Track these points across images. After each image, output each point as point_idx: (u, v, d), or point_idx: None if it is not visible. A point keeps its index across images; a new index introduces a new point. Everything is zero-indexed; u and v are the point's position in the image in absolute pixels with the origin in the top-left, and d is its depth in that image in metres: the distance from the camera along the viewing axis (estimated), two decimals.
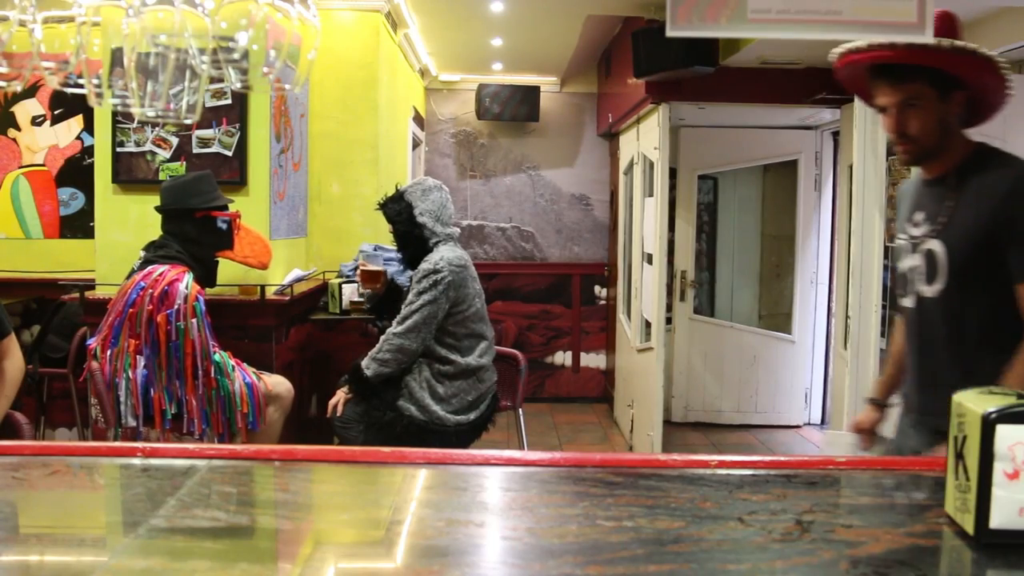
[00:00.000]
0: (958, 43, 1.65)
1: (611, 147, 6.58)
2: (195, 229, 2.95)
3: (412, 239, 3.10)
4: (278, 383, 3.06)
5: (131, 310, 2.74)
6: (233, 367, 2.87)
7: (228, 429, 2.85)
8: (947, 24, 1.78)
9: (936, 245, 1.73)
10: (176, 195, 2.97)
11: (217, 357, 2.82)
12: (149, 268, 2.81)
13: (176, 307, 2.72)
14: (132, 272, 2.89)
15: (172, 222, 2.97)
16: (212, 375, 2.79)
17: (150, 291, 2.72)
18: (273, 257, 3.49)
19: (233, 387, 2.84)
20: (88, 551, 0.86)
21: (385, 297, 3.36)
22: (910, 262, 1.81)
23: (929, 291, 1.76)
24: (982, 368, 1.63)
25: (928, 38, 1.40)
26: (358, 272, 3.42)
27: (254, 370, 3.00)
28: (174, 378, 2.77)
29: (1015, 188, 1.64)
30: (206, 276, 3.02)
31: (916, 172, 1.93)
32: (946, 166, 1.75)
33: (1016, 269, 1.64)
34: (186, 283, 2.76)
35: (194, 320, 2.74)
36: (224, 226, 3.01)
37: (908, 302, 1.83)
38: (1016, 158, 1.73)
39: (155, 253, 2.90)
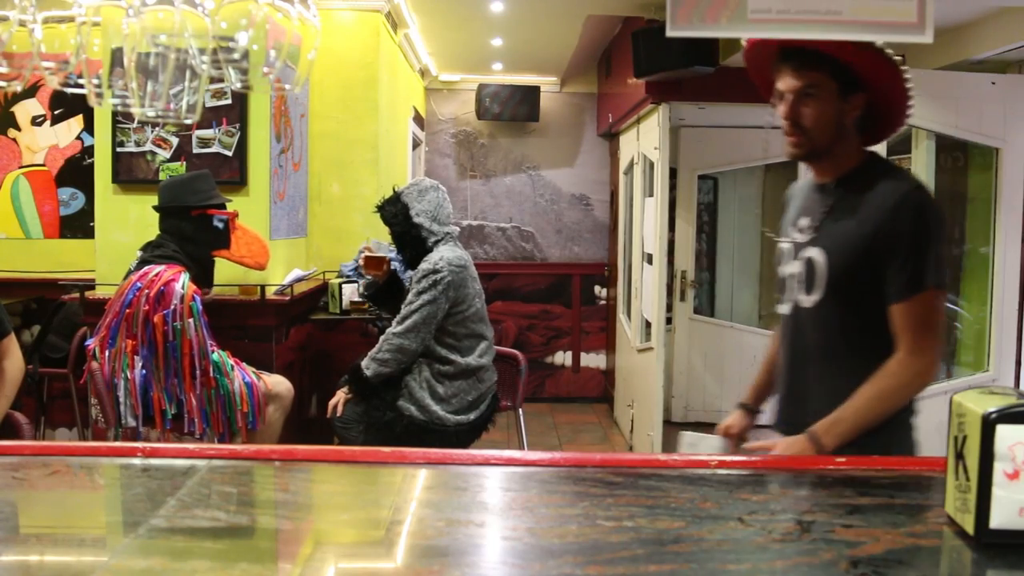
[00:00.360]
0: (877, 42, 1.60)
1: (611, 147, 6.57)
2: (192, 227, 2.94)
3: (410, 240, 3.10)
4: (278, 383, 3.06)
5: (128, 311, 2.74)
6: (232, 366, 2.87)
7: (228, 428, 2.85)
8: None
9: (816, 253, 1.67)
10: (173, 193, 2.97)
11: (215, 356, 2.82)
12: (145, 268, 2.80)
13: (172, 307, 2.71)
14: (129, 272, 2.89)
15: (169, 220, 2.97)
16: (211, 375, 2.79)
17: (146, 291, 2.72)
18: (273, 257, 3.49)
19: (232, 386, 2.84)
20: (88, 551, 0.86)
21: (384, 287, 3.35)
22: (790, 268, 1.74)
23: (806, 300, 1.69)
24: (850, 386, 1.59)
25: (927, 38, 1.37)
26: (361, 257, 3.41)
27: (254, 370, 3.00)
28: (172, 378, 2.77)
29: (902, 204, 1.59)
30: (203, 276, 3.02)
31: (807, 174, 1.87)
32: (835, 171, 1.70)
33: (893, 289, 1.59)
34: (182, 283, 2.76)
35: (191, 320, 2.74)
36: (221, 225, 3.01)
37: (785, 309, 1.76)
38: (907, 173, 1.69)
39: (151, 253, 2.90)
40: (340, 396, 3.14)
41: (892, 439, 1.60)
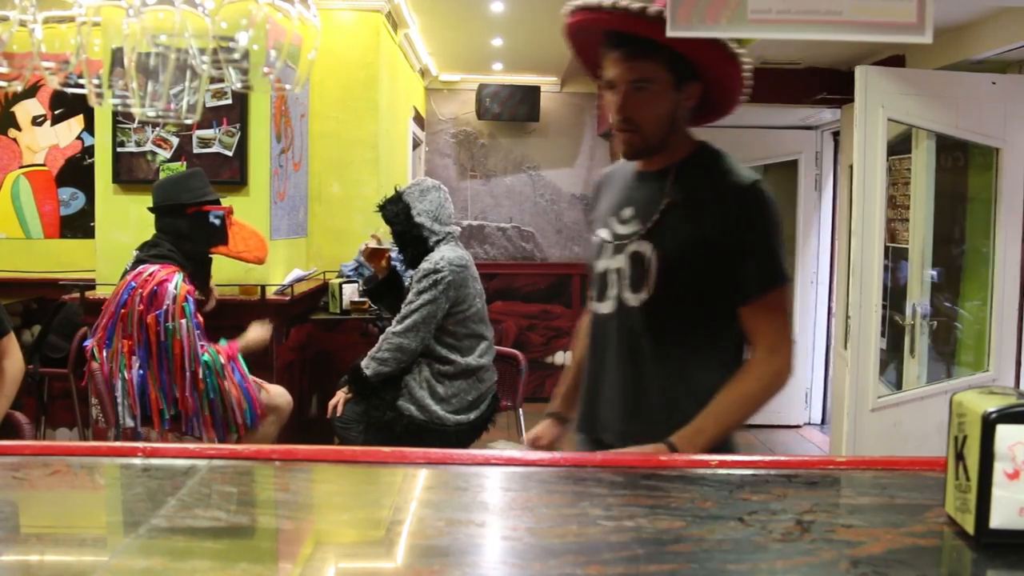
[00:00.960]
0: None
1: (611, 147, 6.57)
2: (188, 225, 2.94)
3: (411, 239, 3.10)
4: (278, 394, 3.05)
5: (123, 311, 2.73)
6: (223, 365, 2.84)
7: (223, 429, 2.84)
8: None
9: (647, 248, 1.53)
10: (167, 192, 2.96)
11: (206, 357, 2.80)
12: (140, 268, 2.80)
13: (165, 307, 2.70)
14: (125, 272, 2.88)
15: (165, 219, 2.96)
16: (200, 377, 2.77)
17: (140, 291, 2.72)
18: (273, 257, 3.49)
19: (224, 385, 2.81)
20: (89, 551, 0.86)
21: (384, 283, 3.34)
22: (612, 263, 1.59)
23: (634, 299, 1.54)
24: (690, 388, 1.50)
25: (927, 39, 1.30)
26: (365, 247, 3.40)
27: (255, 379, 2.98)
28: (166, 377, 2.76)
29: (749, 203, 1.50)
30: (200, 274, 3.01)
31: (617, 165, 1.75)
32: (666, 161, 1.56)
33: (745, 289, 1.49)
34: (175, 283, 2.75)
35: (183, 320, 2.73)
36: (217, 221, 3.00)
37: (604, 308, 1.60)
38: (740, 166, 1.56)
39: (147, 253, 2.89)
40: (340, 396, 3.14)
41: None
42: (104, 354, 2.78)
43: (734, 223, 1.48)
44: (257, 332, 3.07)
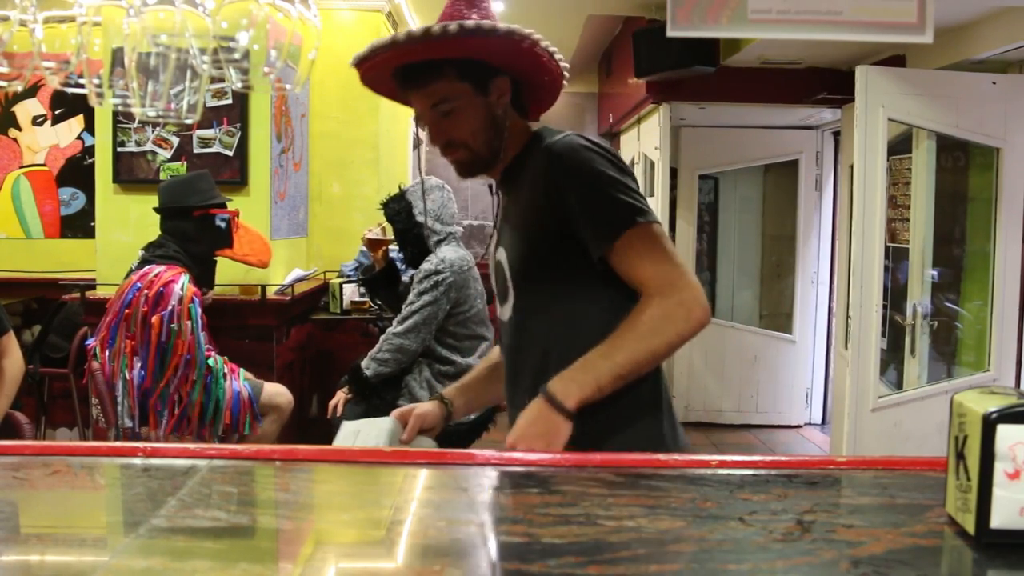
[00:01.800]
0: (468, 24, 1.34)
1: (612, 146, 6.58)
2: (194, 228, 2.95)
3: (411, 238, 3.10)
4: (278, 393, 3.05)
5: (127, 310, 2.74)
6: (226, 374, 2.85)
7: (222, 431, 2.84)
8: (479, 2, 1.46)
9: (501, 255, 1.46)
10: (174, 194, 2.97)
11: (211, 361, 2.80)
12: (146, 268, 2.80)
13: (170, 308, 2.71)
14: (130, 272, 2.89)
15: (170, 221, 2.97)
16: (205, 379, 2.77)
17: (145, 292, 2.72)
18: (273, 257, 3.49)
19: (226, 388, 2.82)
20: (89, 551, 0.86)
21: (380, 274, 3.33)
22: (493, 277, 1.52)
23: (506, 311, 1.46)
24: (577, 344, 1.33)
25: (927, 38, 1.27)
26: (363, 239, 3.40)
27: (252, 378, 2.98)
28: (168, 379, 2.77)
29: (554, 157, 1.36)
30: (205, 276, 3.02)
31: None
32: (504, 164, 1.48)
33: (593, 243, 1.33)
34: (181, 284, 2.76)
35: (188, 322, 2.73)
36: (223, 224, 3.01)
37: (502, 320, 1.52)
38: (558, 134, 1.42)
39: (153, 253, 2.90)
40: (340, 396, 3.14)
41: (639, 436, 1.38)
42: (106, 353, 2.78)
43: (551, 187, 1.36)
44: (277, 391, 3.07)
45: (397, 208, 3.12)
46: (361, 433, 1.52)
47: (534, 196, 1.39)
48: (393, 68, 1.41)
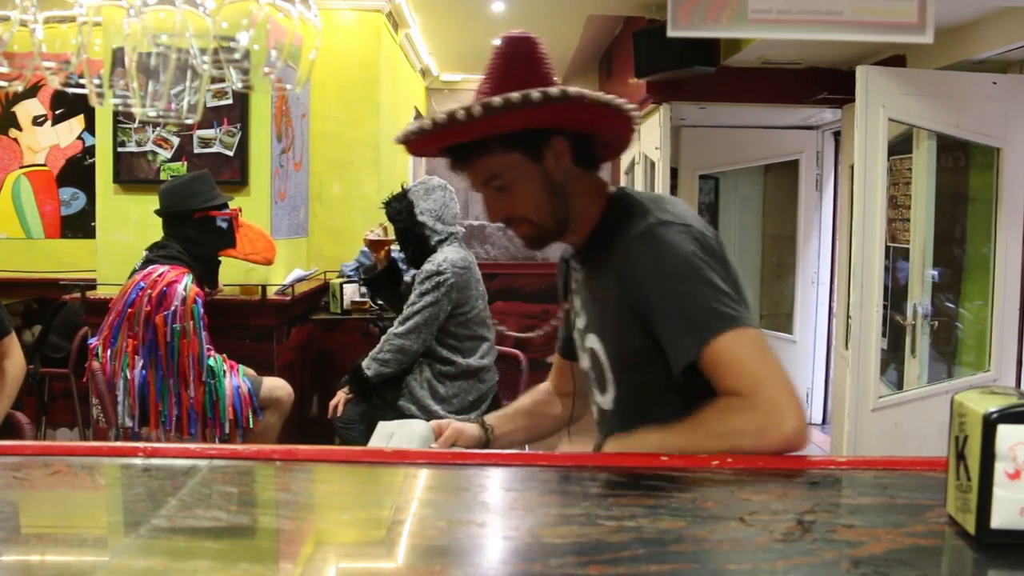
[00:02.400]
0: (494, 102, 1.17)
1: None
2: (195, 230, 2.95)
3: (412, 237, 3.10)
4: (278, 387, 3.06)
5: (130, 310, 2.74)
6: (225, 372, 2.85)
7: (221, 429, 2.85)
8: (520, 57, 1.28)
9: (595, 342, 1.32)
10: (174, 197, 2.97)
11: (211, 362, 2.81)
12: (149, 268, 2.81)
13: (173, 308, 2.71)
14: (133, 272, 2.89)
15: (172, 224, 2.97)
16: (203, 379, 2.78)
17: (148, 291, 2.73)
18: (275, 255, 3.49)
19: (226, 387, 2.83)
20: (89, 551, 0.87)
21: (382, 273, 3.32)
22: (583, 362, 1.38)
23: (605, 402, 1.34)
24: None
25: (927, 39, 1.20)
26: (365, 240, 3.40)
27: (252, 373, 2.99)
28: (169, 379, 2.77)
29: (638, 248, 1.22)
30: (209, 276, 3.02)
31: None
32: (581, 233, 1.34)
33: (673, 355, 1.19)
34: (184, 285, 2.76)
35: (191, 323, 2.74)
36: (224, 225, 3.01)
37: (594, 410, 1.41)
38: (649, 211, 1.27)
39: (156, 253, 2.91)
40: (341, 396, 3.14)
41: None
42: (108, 353, 2.79)
43: (632, 282, 1.23)
44: (277, 385, 3.07)
45: (399, 207, 3.12)
46: (395, 436, 1.46)
47: (620, 288, 1.25)
48: (441, 150, 1.32)
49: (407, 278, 3.39)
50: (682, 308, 1.18)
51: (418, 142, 1.28)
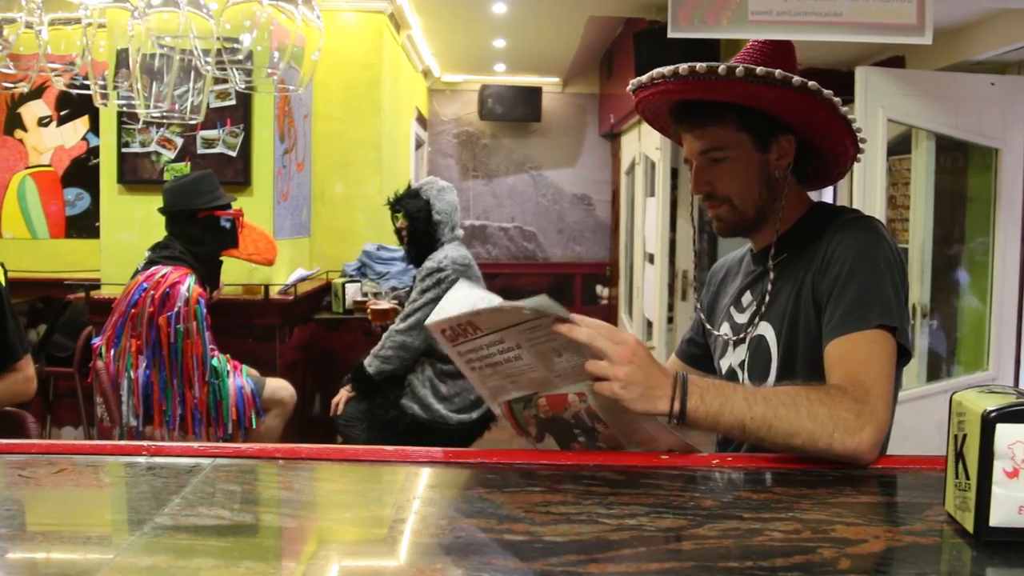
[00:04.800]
0: (758, 70, 1.20)
1: (613, 147, 6.58)
2: (199, 229, 2.95)
3: (423, 237, 3.10)
4: (281, 387, 3.06)
5: (133, 310, 2.75)
6: (229, 372, 2.85)
7: (224, 429, 2.85)
8: (779, 50, 1.35)
9: (765, 329, 1.31)
10: (178, 196, 2.97)
11: (215, 362, 2.81)
12: (152, 269, 2.82)
13: (176, 309, 2.72)
14: (136, 272, 2.90)
15: (176, 224, 2.98)
16: (207, 379, 2.78)
17: (151, 292, 2.73)
18: (277, 257, 3.50)
19: (229, 387, 2.84)
20: (94, 548, 0.87)
21: (371, 383, 3.14)
22: (734, 358, 1.36)
23: None
24: None
25: (926, 40, 1.21)
26: (368, 311, 3.43)
27: (255, 374, 2.99)
28: (173, 379, 2.78)
29: (840, 230, 1.25)
30: (211, 276, 3.03)
31: (736, 252, 1.51)
32: (772, 233, 1.33)
33: (828, 326, 1.19)
34: (187, 286, 2.77)
35: (194, 323, 2.74)
36: (228, 225, 3.02)
37: None
38: (859, 210, 1.32)
39: (159, 254, 2.91)
40: (343, 394, 3.15)
41: None
42: (111, 353, 2.79)
43: (823, 257, 1.23)
44: (280, 386, 3.06)
45: (418, 205, 3.11)
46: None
47: (811, 268, 1.25)
48: (671, 102, 1.31)
49: (407, 278, 3.40)
50: (861, 288, 1.18)
51: (655, 91, 1.26)
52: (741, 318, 1.37)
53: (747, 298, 1.38)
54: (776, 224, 1.31)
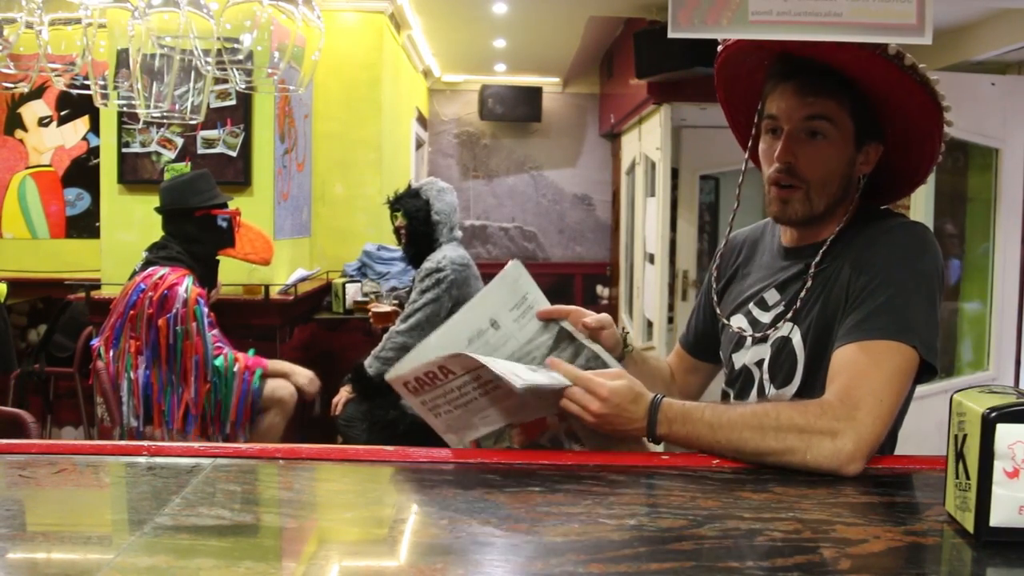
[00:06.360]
0: (907, 56, 1.17)
1: (613, 147, 6.58)
2: (196, 228, 2.95)
3: (422, 237, 3.11)
4: (280, 387, 3.06)
5: (131, 312, 2.75)
6: (235, 373, 2.85)
7: (225, 429, 2.85)
8: None
9: (792, 331, 1.25)
10: (175, 195, 2.97)
11: (218, 362, 2.81)
12: (150, 270, 2.81)
13: (175, 311, 2.72)
14: (134, 273, 2.90)
15: (172, 223, 2.97)
16: (208, 379, 2.78)
17: (150, 294, 2.73)
18: (277, 257, 3.50)
19: (226, 390, 2.83)
20: (94, 549, 0.87)
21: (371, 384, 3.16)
22: (753, 355, 1.31)
23: (785, 394, 1.25)
24: None
25: (926, 40, 1.19)
26: (370, 314, 3.43)
27: (281, 366, 3.00)
28: (172, 379, 2.78)
29: (883, 234, 1.21)
30: (208, 276, 3.03)
31: (762, 227, 1.47)
32: (822, 233, 1.28)
33: (842, 330, 1.16)
34: (185, 287, 2.76)
35: (194, 324, 2.74)
36: (224, 224, 3.01)
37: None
38: (908, 216, 1.29)
39: (156, 254, 2.91)
40: (343, 394, 3.15)
41: None
42: (111, 354, 2.79)
43: (863, 266, 1.18)
44: (306, 377, 3.05)
45: (418, 204, 3.11)
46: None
47: (848, 267, 1.20)
48: (784, 52, 1.23)
49: (407, 278, 3.40)
50: (886, 298, 1.13)
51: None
52: (764, 316, 1.31)
53: (772, 296, 1.31)
54: (831, 229, 1.26)
